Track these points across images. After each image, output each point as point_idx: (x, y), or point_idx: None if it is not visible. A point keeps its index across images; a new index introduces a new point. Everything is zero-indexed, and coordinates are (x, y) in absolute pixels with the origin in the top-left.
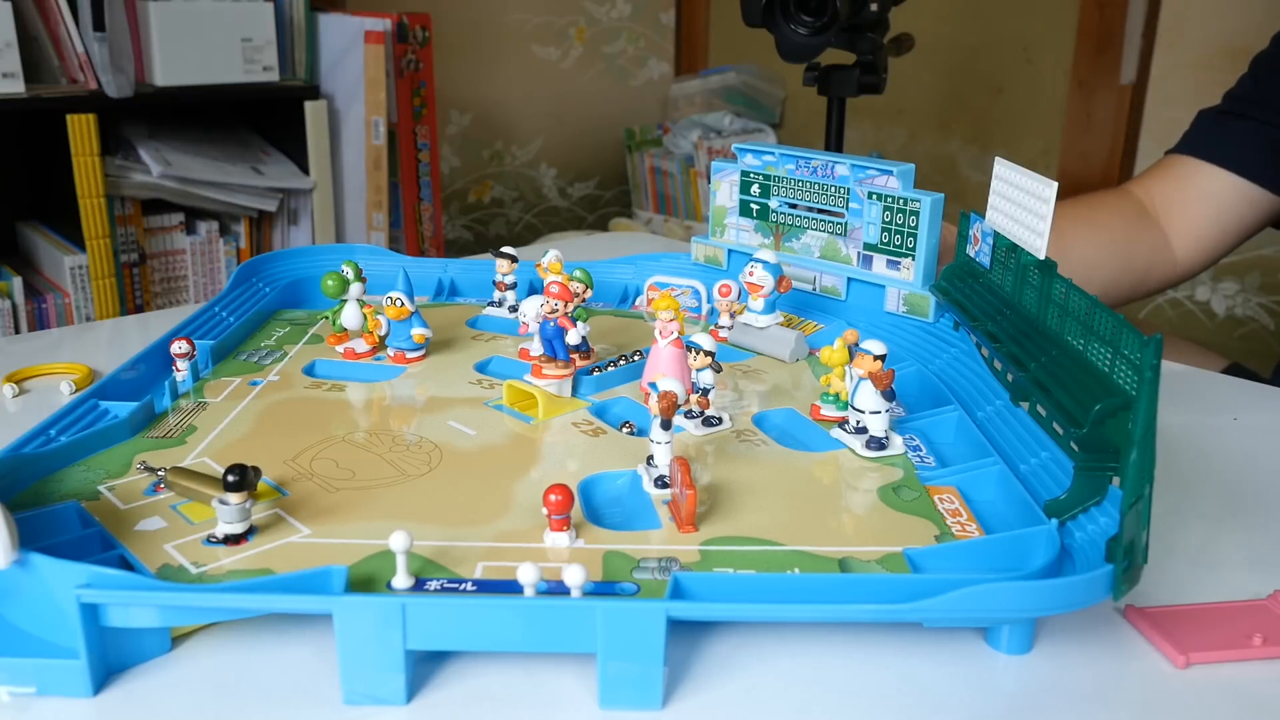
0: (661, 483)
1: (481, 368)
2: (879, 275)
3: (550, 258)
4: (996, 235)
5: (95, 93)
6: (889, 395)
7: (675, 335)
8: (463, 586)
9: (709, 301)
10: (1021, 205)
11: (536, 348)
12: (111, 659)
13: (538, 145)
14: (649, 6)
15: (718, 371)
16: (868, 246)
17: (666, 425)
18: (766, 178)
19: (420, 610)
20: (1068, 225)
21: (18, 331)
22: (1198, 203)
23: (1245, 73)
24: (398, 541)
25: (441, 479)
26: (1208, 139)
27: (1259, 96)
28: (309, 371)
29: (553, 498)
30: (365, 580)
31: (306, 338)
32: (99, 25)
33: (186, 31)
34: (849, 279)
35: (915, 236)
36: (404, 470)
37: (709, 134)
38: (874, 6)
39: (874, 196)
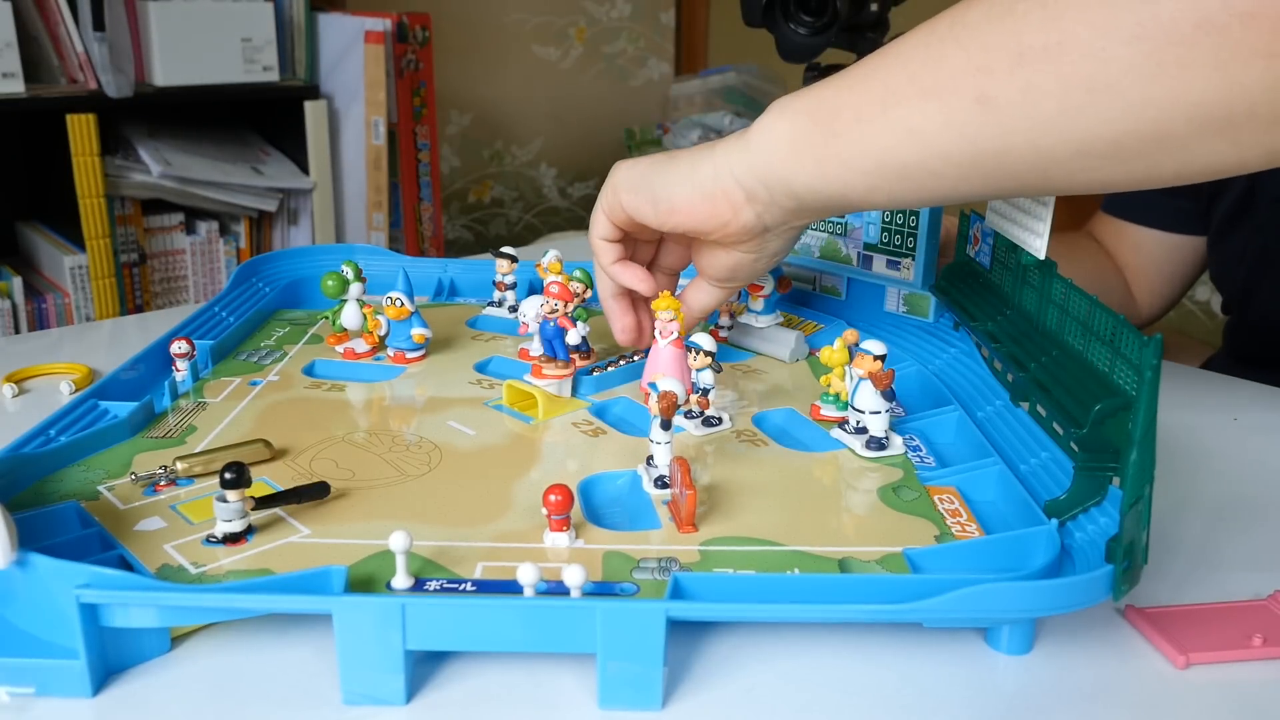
0: (661, 483)
1: (481, 368)
2: (879, 275)
3: (550, 258)
4: (996, 235)
5: (95, 93)
6: (889, 395)
7: (675, 335)
8: (462, 587)
9: None
10: (1020, 206)
11: (536, 348)
12: (111, 659)
13: (538, 145)
14: (649, 6)
15: (718, 371)
16: (867, 246)
17: (666, 425)
18: None
19: (420, 610)
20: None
21: (18, 331)
22: (1134, 259)
23: None
24: (397, 541)
25: (441, 479)
26: (1120, 198)
27: None
28: (309, 371)
29: (552, 498)
30: (365, 580)
31: (306, 338)
32: (99, 25)
33: (186, 31)
34: (849, 279)
35: (915, 236)
36: (404, 470)
37: (709, 134)
38: (874, 6)
39: None
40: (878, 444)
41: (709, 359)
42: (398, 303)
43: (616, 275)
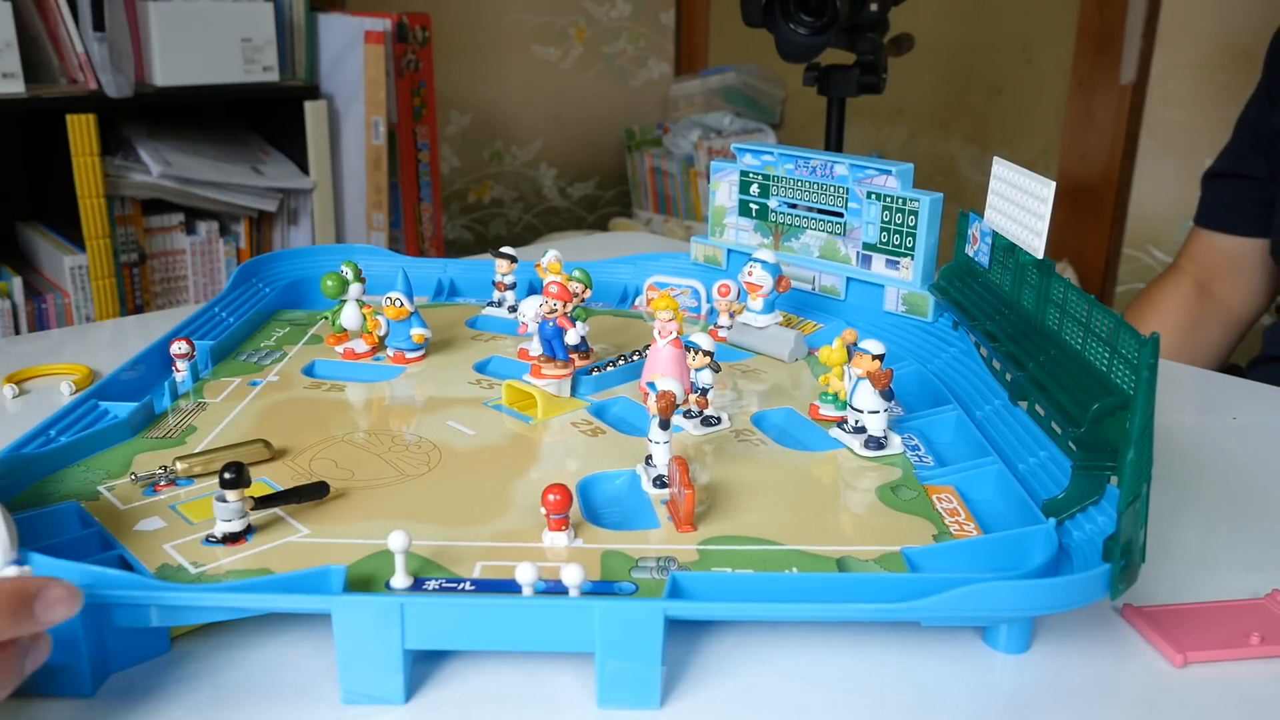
0: (660, 482)
1: (481, 368)
2: (878, 275)
3: (550, 258)
4: (995, 235)
5: (95, 93)
6: (887, 395)
7: (674, 335)
8: (461, 586)
9: (708, 301)
10: (1020, 205)
11: (536, 348)
12: (111, 659)
13: (538, 145)
14: (649, 6)
15: (716, 371)
16: (867, 246)
17: (665, 425)
18: (766, 178)
19: (419, 610)
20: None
21: (18, 332)
22: (1232, 269)
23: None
24: (396, 541)
25: (440, 479)
26: (1215, 210)
27: (1239, 157)
28: (308, 372)
29: (551, 497)
30: (364, 580)
31: (306, 338)
32: (99, 25)
33: (186, 31)
34: (848, 278)
35: (914, 236)
36: (403, 470)
37: (709, 134)
38: (874, 6)
39: (873, 196)
40: (876, 443)
41: (708, 359)
42: (397, 303)
43: None
